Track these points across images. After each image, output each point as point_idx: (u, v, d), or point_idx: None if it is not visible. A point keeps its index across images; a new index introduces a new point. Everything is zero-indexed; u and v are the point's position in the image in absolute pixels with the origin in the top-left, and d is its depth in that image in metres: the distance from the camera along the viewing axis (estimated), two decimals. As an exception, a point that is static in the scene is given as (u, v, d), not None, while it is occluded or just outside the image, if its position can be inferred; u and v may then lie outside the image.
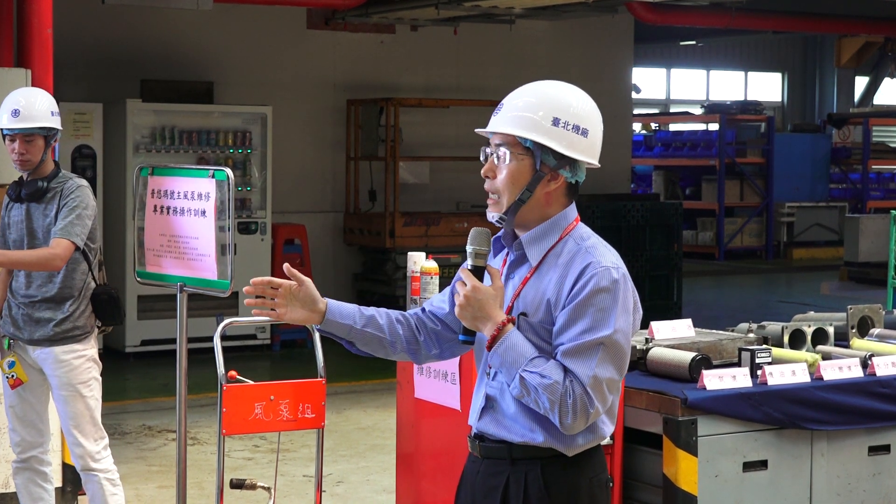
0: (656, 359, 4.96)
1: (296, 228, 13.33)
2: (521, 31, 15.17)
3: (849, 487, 4.95)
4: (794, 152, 23.65)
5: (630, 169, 17.61)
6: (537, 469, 3.25)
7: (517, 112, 3.23)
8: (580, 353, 3.14)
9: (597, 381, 3.13)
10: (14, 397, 5.77)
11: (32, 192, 5.67)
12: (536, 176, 3.24)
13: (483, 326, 3.19)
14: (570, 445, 3.24)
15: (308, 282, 3.39)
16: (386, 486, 7.58)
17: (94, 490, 5.72)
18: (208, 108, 12.88)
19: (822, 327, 5.45)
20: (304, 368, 10.23)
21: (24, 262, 5.59)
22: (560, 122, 3.22)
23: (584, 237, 3.27)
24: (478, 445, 3.34)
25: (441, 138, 14.89)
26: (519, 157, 3.23)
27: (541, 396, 3.12)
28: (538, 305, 3.22)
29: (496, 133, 3.26)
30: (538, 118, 3.21)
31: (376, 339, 3.42)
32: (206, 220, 5.50)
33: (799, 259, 22.96)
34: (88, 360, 5.71)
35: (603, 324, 3.15)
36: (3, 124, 5.61)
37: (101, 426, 5.77)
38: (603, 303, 3.16)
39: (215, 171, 5.51)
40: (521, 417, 3.24)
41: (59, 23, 8.23)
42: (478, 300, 3.17)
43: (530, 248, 3.28)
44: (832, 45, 23.47)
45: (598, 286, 3.16)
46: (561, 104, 3.24)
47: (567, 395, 3.11)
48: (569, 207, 3.30)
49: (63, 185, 5.69)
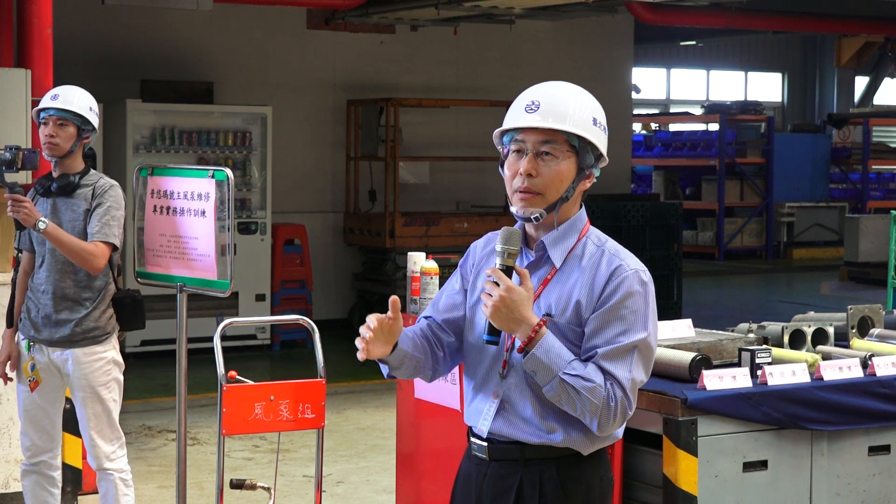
0: (656, 359, 4.95)
1: (296, 228, 13.34)
2: (521, 31, 15.17)
3: (849, 487, 4.95)
4: (794, 152, 23.65)
5: (630, 169, 17.61)
6: (552, 469, 3.25)
7: (563, 111, 3.23)
8: (618, 356, 3.15)
9: (634, 384, 3.17)
10: (29, 401, 5.73)
11: (63, 185, 5.59)
12: (581, 174, 3.26)
13: (516, 328, 3.15)
14: (588, 446, 3.26)
15: (400, 318, 3.29)
16: (386, 486, 7.58)
17: (106, 488, 5.70)
18: (208, 108, 12.89)
19: (822, 327, 5.45)
20: (304, 368, 10.24)
21: (70, 245, 5.46)
22: (597, 121, 3.27)
23: (601, 239, 3.30)
24: (486, 448, 3.32)
25: (441, 138, 14.89)
26: (567, 154, 3.24)
27: (583, 400, 3.12)
28: (565, 307, 3.22)
29: (540, 130, 3.22)
30: (584, 117, 3.24)
31: (415, 362, 3.37)
32: (205, 221, 5.51)
33: (799, 259, 22.96)
34: (108, 361, 5.64)
35: (637, 327, 3.18)
36: (41, 105, 5.59)
37: (119, 427, 5.73)
38: (636, 305, 3.18)
39: (215, 171, 5.51)
40: (538, 419, 3.23)
41: (59, 23, 8.24)
42: (513, 301, 3.12)
43: (553, 250, 3.27)
44: (832, 45, 23.47)
45: (631, 290, 3.19)
46: (593, 105, 3.29)
47: (610, 398, 3.13)
48: (582, 209, 3.34)
49: (95, 182, 5.64)
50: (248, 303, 12.59)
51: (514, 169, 3.26)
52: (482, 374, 3.35)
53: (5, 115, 7.03)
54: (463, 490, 3.40)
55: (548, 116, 3.21)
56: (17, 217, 5.43)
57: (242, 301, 12.54)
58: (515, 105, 3.29)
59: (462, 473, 3.42)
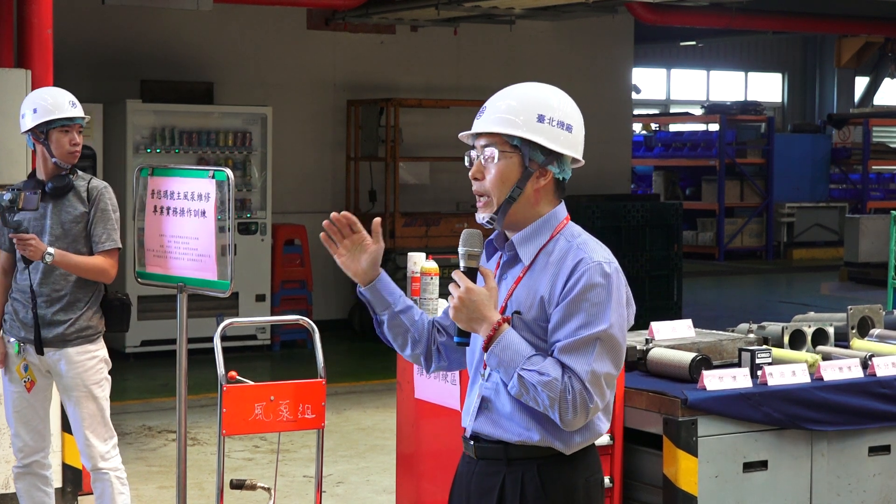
0: (656, 359, 4.96)
1: (296, 229, 13.34)
2: (521, 32, 15.17)
3: (849, 487, 4.95)
4: (794, 153, 23.65)
5: (630, 169, 17.60)
6: (534, 469, 3.25)
7: (501, 112, 3.26)
8: (577, 348, 3.15)
9: (595, 376, 3.14)
10: (20, 401, 5.73)
11: (62, 187, 5.60)
12: (526, 173, 3.26)
13: (478, 327, 3.19)
14: (567, 443, 3.25)
15: (382, 246, 3.36)
16: (386, 487, 7.58)
17: (102, 488, 5.70)
18: (208, 108, 12.89)
19: (822, 328, 5.45)
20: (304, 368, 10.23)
21: (82, 267, 5.55)
22: (545, 118, 3.25)
23: (574, 234, 3.29)
24: (473, 446, 3.34)
25: (441, 138, 14.88)
26: (507, 155, 3.25)
27: (540, 394, 3.12)
28: (532, 303, 3.23)
29: (482, 134, 3.28)
30: (523, 116, 3.24)
31: (404, 329, 3.42)
32: (206, 221, 5.51)
33: (799, 259, 22.96)
34: (101, 360, 5.69)
35: (598, 319, 3.16)
36: (66, 114, 5.55)
37: (111, 425, 5.76)
38: (597, 297, 3.17)
39: (215, 171, 5.51)
40: (517, 417, 3.25)
41: (59, 23, 8.24)
42: (472, 301, 3.17)
43: (522, 248, 3.29)
44: (832, 45, 23.47)
45: (592, 281, 3.17)
46: (543, 102, 3.28)
47: (567, 391, 3.12)
48: (559, 206, 3.33)
49: (88, 184, 5.65)
50: (248, 303, 12.60)
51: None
52: (472, 375, 3.40)
53: (5, 115, 7.02)
54: (457, 489, 3.43)
55: (485, 120, 3.27)
56: (24, 254, 5.48)
57: (242, 301, 12.54)
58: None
59: (457, 473, 3.45)
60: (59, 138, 5.55)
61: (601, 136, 14.88)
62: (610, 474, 4.83)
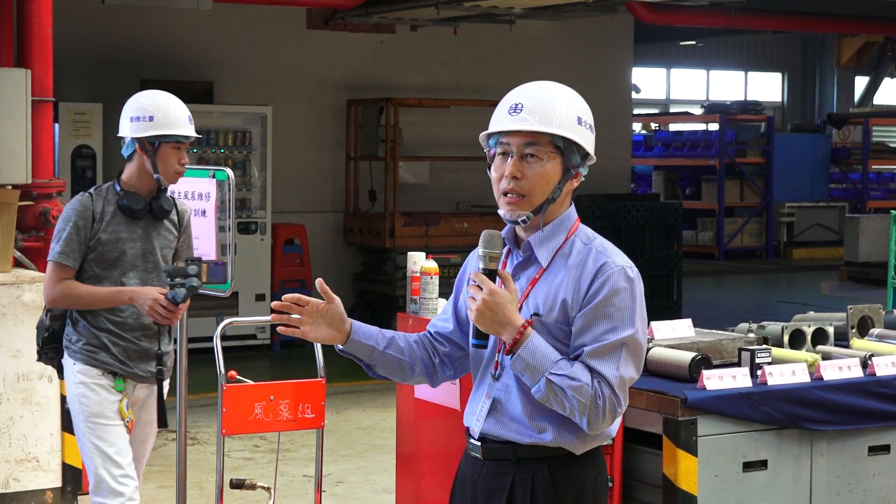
0: (656, 359, 4.96)
1: (296, 228, 13.34)
2: (521, 31, 15.17)
3: (849, 487, 4.95)
4: (794, 152, 23.65)
5: (630, 169, 17.60)
6: (544, 469, 3.25)
7: (547, 112, 3.21)
8: (605, 353, 3.15)
9: (622, 381, 3.16)
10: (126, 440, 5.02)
11: (165, 210, 5.06)
12: (567, 174, 3.24)
13: (502, 331, 3.16)
14: (580, 445, 3.25)
15: (337, 301, 3.33)
16: (386, 486, 7.58)
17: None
18: (208, 108, 12.88)
19: (822, 327, 5.45)
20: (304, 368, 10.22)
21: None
22: (582, 120, 3.25)
23: (590, 237, 3.28)
24: (480, 447, 3.33)
25: (441, 138, 14.89)
26: (552, 156, 3.23)
27: (570, 399, 3.11)
28: (552, 306, 3.22)
29: (519, 133, 3.22)
30: (567, 118, 3.22)
31: (396, 362, 3.40)
32: (206, 220, 5.51)
33: (799, 259, 22.96)
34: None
35: (625, 323, 3.16)
36: (184, 131, 5.07)
37: None
38: (622, 303, 3.17)
39: (215, 171, 5.51)
40: (528, 419, 3.24)
41: (59, 23, 8.24)
42: (497, 304, 3.14)
43: (540, 249, 3.27)
44: (832, 45, 23.48)
45: (616, 286, 3.17)
46: (578, 104, 3.27)
47: (598, 396, 3.12)
48: (571, 207, 3.33)
49: (177, 205, 5.17)
50: (248, 303, 12.59)
51: (500, 171, 3.27)
52: (479, 375, 3.38)
53: (5, 115, 7.02)
54: (460, 490, 3.41)
55: (531, 118, 3.20)
56: (158, 321, 4.87)
57: (242, 301, 12.54)
58: (500, 107, 3.28)
59: (460, 473, 3.43)
60: (168, 155, 5.04)
61: (601, 135, 14.65)
62: (609, 474, 4.83)
